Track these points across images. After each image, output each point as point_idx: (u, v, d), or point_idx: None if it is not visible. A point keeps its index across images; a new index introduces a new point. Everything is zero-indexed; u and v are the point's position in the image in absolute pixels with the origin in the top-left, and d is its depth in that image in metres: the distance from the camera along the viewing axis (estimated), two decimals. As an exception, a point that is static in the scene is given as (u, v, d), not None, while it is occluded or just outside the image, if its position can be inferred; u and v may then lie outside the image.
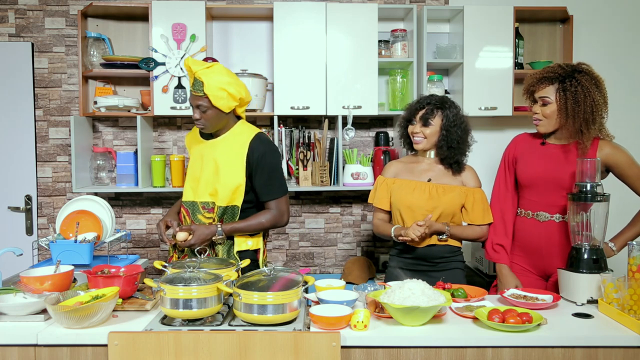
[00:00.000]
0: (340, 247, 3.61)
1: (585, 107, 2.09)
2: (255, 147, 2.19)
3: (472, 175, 2.37)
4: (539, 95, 2.20)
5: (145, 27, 3.36)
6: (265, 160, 2.19)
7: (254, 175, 2.19)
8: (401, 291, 1.76)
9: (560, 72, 2.17)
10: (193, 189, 2.27)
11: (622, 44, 3.57)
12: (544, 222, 2.22)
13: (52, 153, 3.47)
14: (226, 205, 2.20)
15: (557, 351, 1.68)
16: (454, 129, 2.29)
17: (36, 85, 3.43)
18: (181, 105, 3.16)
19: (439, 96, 2.38)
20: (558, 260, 2.18)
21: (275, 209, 2.23)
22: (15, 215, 3.47)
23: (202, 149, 2.28)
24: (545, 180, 2.21)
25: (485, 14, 3.23)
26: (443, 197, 2.28)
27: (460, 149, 2.32)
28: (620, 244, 2.18)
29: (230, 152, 2.20)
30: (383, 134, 3.44)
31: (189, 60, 2.13)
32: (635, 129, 3.51)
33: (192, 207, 2.27)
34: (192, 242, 2.16)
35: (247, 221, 2.21)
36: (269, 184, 2.22)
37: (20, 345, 1.68)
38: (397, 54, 3.32)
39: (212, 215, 2.23)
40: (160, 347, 1.60)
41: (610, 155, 2.15)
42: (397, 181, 2.39)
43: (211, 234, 2.18)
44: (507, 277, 2.28)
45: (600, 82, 2.15)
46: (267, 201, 2.24)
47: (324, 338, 1.60)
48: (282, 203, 2.25)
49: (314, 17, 3.17)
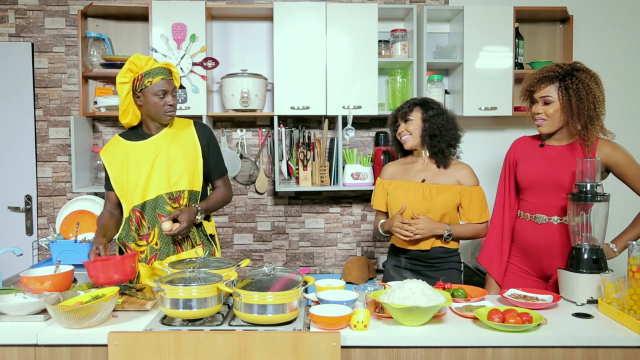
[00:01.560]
0: (340, 247, 3.61)
1: (588, 104, 2.11)
2: (200, 131, 2.33)
3: (468, 174, 2.35)
4: (540, 95, 2.19)
5: (145, 27, 3.36)
6: (213, 142, 2.36)
7: (206, 157, 2.32)
8: (401, 291, 1.75)
9: (560, 70, 2.17)
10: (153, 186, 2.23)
11: (622, 43, 3.57)
12: (542, 225, 2.21)
13: (52, 153, 3.47)
14: (190, 189, 2.28)
15: (557, 351, 1.68)
16: (435, 119, 2.30)
17: (36, 85, 3.43)
18: (181, 105, 3.16)
19: (420, 97, 2.44)
20: (557, 262, 2.17)
21: (225, 185, 2.42)
22: (15, 215, 3.47)
23: (140, 149, 2.25)
24: (544, 181, 2.21)
25: (485, 14, 3.23)
26: (436, 198, 2.28)
27: (442, 136, 2.30)
28: (621, 245, 2.17)
29: (179, 140, 2.28)
30: (383, 134, 3.44)
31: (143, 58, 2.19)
32: (635, 129, 3.51)
33: (155, 204, 2.24)
34: (184, 225, 2.16)
35: (210, 199, 2.34)
36: (218, 162, 2.39)
37: (20, 345, 1.68)
38: (397, 54, 3.32)
39: (179, 204, 2.26)
40: (160, 347, 1.60)
41: (610, 154, 2.15)
42: (393, 182, 2.40)
43: (194, 213, 2.22)
44: (490, 284, 2.34)
45: (599, 79, 2.17)
46: (217, 179, 2.40)
47: (324, 338, 1.60)
48: (227, 179, 2.46)
49: (314, 17, 3.17)
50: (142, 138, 2.28)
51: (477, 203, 2.31)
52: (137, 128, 2.32)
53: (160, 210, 2.24)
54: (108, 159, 2.28)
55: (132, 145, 2.27)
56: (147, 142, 2.26)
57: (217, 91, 3.44)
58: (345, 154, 3.32)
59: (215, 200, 2.35)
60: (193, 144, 2.29)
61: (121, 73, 2.18)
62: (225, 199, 2.39)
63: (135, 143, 2.27)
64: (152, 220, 2.25)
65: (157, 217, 2.24)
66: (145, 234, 2.27)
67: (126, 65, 2.17)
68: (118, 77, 2.18)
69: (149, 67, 2.17)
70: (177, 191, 2.25)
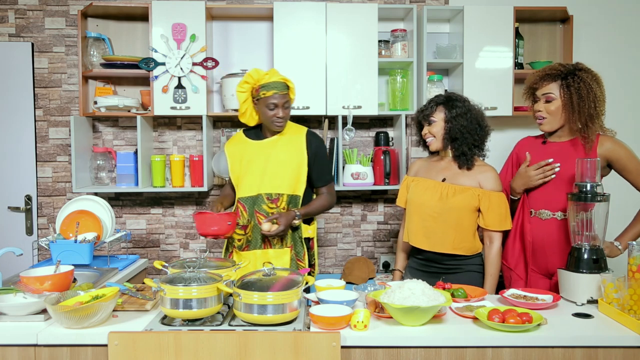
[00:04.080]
0: (340, 247, 3.61)
1: (589, 103, 2.14)
2: (310, 140, 2.52)
3: (490, 177, 2.24)
4: (542, 92, 2.23)
5: (145, 27, 3.36)
6: (321, 151, 2.55)
7: (312, 165, 2.50)
8: (401, 291, 1.76)
9: (562, 69, 2.22)
10: (256, 184, 2.46)
11: (622, 44, 3.57)
12: (546, 220, 2.23)
13: (52, 153, 3.47)
14: (290, 194, 2.47)
15: (557, 351, 1.68)
16: (457, 119, 2.23)
17: (36, 85, 3.43)
18: (181, 105, 3.16)
19: (445, 94, 2.35)
20: (561, 258, 2.19)
21: (328, 192, 2.59)
22: (15, 215, 3.47)
23: (254, 148, 2.51)
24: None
25: (485, 14, 3.23)
26: (452, 198, 2.22)
27: (464, 139, 2.23)
28: (625, 242, 2.19)
29: (288, 147, 2.48)
30: (383, 134, 3.44)
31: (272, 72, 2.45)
32: (636, 128, 3.51)
33: (254, 201, 2.47)
34: (280, 228, 2.37)
35: (311, 205, 2.53)
36: (324, 171, 2.56)
37: (20, 345, 1.68)
38: (397, 54, 3.32)
39: (275, 206, 2.46)
40: (160, 347, 1.60)
41: (611, 149, 2.18)
42: (416, 179, 2.39)
43: (292, 218, 2.42)
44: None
45: (600, 79, 2.21)
46: (321, 186, 2.57)
47: (324, 338, 1.60)
48: (332, 187, 2.62)
49: (314, 17, 3.17)
50: (259, 138, 2.54)
51: (496, 209, 2.22)
52: (257, 128, 2.59)
53: (257, 208, 2.47)
54: (230, 151, 2.57)
55: (250, 143, 2.54)
56: (261, 143, 2.51)
57: (217, 91, 3.44)
58: (345, 154, 3.32)
59: (316, 206, 2.54)
60: (300, 152, 2.49)
61: (240, 83, 2.45)
62: (326, 206, 2.57)
63: (252, 142, 2.54)
64: (251, 214, 2.48)
65: (255, 213, 2.47)
66: (244, 224, 2.48)
67: (244, 77, 2.44)
68: (237, 86, 2.46)
69: (266, 80, 2.40)
70: (277, 194, 2.45)
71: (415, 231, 2.33)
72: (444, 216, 2.24)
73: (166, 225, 3.54)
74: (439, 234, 2.25)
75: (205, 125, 3.20)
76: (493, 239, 2.26)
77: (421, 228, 2.30)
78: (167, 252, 3.55)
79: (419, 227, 2.31)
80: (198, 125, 3.50)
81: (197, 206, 3.54)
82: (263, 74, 2.43)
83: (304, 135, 2.52)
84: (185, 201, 3.54)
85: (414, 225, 2.33)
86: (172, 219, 3.54)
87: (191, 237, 3.55)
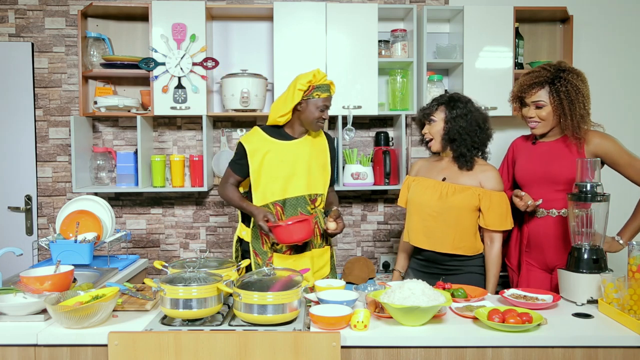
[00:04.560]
0: (340, 247, 3.61)
1: (579, 104, 2.17)
2: (329, 140, 2.55)
3: (491, 176, 2.24)
4: (532, 100, 2.26)
5: (145, 27, 3.36)
6: (334, 152, 2.60)
7: (331, 164, 2.55)
8: (401, 291, 1.76)
9: (547, 74, 2.22)
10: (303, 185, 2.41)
11: (622, 44, 3.57)
12: (541, 218, 2.27)
13: (52, 153, 3.47)
14: (323, 193, 2.48)
15: (557, 351, 1.68)
16: (456, 120, 2.23)
17: (36, 85, 3.43)
18: (181, 105, 3.16)
19: (449, 94, 2.34)
20: (558, 253, 2.22)
21: (334, 191, 2.66)
22: (15, 215, 3.47)
23: (282, 148, 2.41)
24: (538, 177, 2.27)
25: (485, 14, 3.23)
26: (452, 198, 2.22)
27: (463, 140, 2.22)
28: (627, 236, 2.21)
29: (316, 148, 2.48)
30: (383, 134, 3.44)
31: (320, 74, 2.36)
32: (635, 128, 3.51)
33: (297, 202, 2.41)
34: (342, 225, 2.39)
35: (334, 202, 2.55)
36: (334, 170, 2.62)
37: (20, 345, 1.68)
38: (397, 54, 3.32)
39: (314, 206, 2.45)
40: (160, 347, 1.60)
41: (600, 144, 2.20)
42: (417, 179, 2.39)
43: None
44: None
45: (584, 76, 2.23)
46: (331, 184, 2.60)
47: (324, 338, 1.60)
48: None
49: (314, 17, 3.17)
50: (285, 138, 2.44)
51: (497, 209, 2.21)
52: (279, 128, 2.46)
53: (301, 209, 2.41)
54: (250, 148, 2.42)
55: (275, 143, 2.42)
56: (290, 144, 2.43)
57: (217, 91, 3.44)
58: (345, 154, 3.32)
59: (336, 203, 2.58)
60: (325, 152, 2.51)
61: (302, 81, 2.33)
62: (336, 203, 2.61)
63: (277, 141, 2.43)
64: (290, 215, 2.40)
65: (299, 213, 2.40)
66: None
67: (307, 77, 2.33)
68: (298, 83, 2.32)
69: (323, 82, 2.37)
70: (315, 194, 2.44)
71: (415, 231, 2.33)
72: (443, 215, 2.24)
73: (166, 225, 3.54)
74: (439, 234, 2.25)
75: (205, 125, 3.20)
76: (494, 239, 2.26)
77: (421, 227, 2.30)
78: (167, 252, 3.55)
79: (419, 226, 2.31)
80: (198, 125, 3.50)
81: (197, 206, 3.54)
82: (323, 75, 2.37)
83: (323, 136, 2.54)
84: (185, 201, 3.54)
85: (414, 224, 2.34)
86: (172, 219, 3.54)
87: (191, 237, 3.55)
